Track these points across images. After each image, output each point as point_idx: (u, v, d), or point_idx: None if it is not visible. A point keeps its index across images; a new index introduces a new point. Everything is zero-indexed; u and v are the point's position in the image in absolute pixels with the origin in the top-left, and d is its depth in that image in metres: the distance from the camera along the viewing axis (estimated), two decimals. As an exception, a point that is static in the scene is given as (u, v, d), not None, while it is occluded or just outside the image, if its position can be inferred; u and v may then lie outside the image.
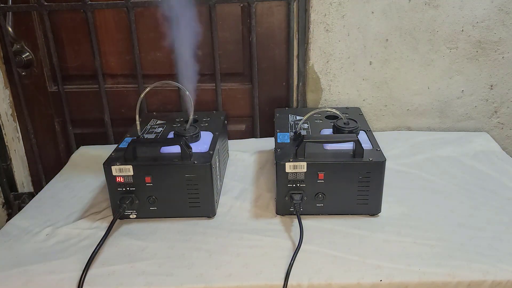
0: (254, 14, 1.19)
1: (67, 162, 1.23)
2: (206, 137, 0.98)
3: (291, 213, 0.90)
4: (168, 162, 0.87)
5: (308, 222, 0.87)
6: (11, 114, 1.34)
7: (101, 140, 1.33)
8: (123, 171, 0.86)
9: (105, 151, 0.97)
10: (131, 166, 0.86)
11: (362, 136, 0.96)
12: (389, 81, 1.25)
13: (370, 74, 1.24)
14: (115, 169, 0.86)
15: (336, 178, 0.86)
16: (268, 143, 1.24)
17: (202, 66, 1.28)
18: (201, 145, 0.95)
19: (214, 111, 1.22)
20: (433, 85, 1.26)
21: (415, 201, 0.95)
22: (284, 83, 1.30)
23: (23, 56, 1.26)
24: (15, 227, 0.92)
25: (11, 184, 1.37)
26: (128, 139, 0.97)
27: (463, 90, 1.26)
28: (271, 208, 0.94)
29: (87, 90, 1.31)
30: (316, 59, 1.23)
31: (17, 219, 0.95)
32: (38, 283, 0.75)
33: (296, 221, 0.86)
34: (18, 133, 1.37)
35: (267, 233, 0.86)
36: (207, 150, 0.92)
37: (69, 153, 1.30)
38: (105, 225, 0.90)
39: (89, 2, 1.18)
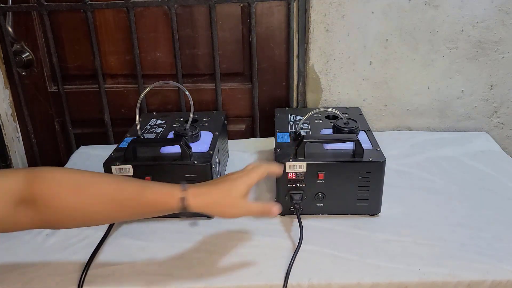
0: (254, 14, 1.19)
1: (67, 162, 1.22)
2: (206, 137, 0.98)
3: (291, 213, 0.89)
4: (168, 162, 0.87)
5: (308, 222, 0.87)
6: (11, 114, 1.34)
7: (101, 140, 1.32)
8: (123, 171, 0.86)
9: (105, 151, 0.97)
10: (131, 166, 0.86)
11: (362, 136, 0.95)
12: (389, 81, 1.25)
13: (370, 74, 1.24)
14: (115, 169, 0.86)
15: (336, 178, 0.86)
16: (268, 143, 1.24)
17: (202, 66, 1.28)
18: (201, 145, 0.95)
19: (214, 111, 1.22)
20: (433, 85, 1.26)
21: (415, 201, 0.95)
22: (284, 83, 1.30)
23: (23, 56, 1.26)
24: (15, 227, 0.92)
25: (11, 184, 1.36)
26: (128, 139, 0.97)
27: (463, 90, 1.26)
28: (271, 208, 0.94)
29: (87, 90, 1.31)
30: (316, 59, 1.23)
31: (17, 219, 0.95)
32: (37, 284, 0.75)
33: (296, 221, 0.86)
34: (18, 133, 1.37)
35: (267, 233, 0.86)
36: (207, 150, 0.92)
37: (69, 153, 1.30)
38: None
39: (89, 2, 1.18)
